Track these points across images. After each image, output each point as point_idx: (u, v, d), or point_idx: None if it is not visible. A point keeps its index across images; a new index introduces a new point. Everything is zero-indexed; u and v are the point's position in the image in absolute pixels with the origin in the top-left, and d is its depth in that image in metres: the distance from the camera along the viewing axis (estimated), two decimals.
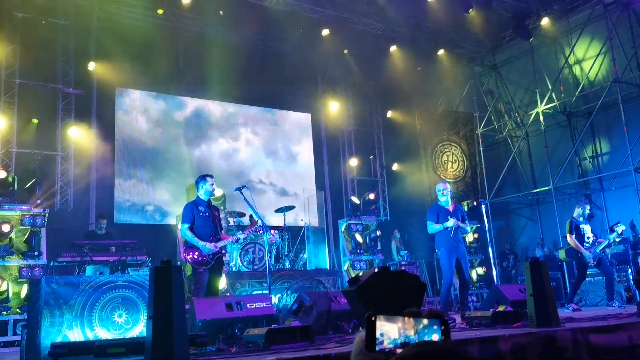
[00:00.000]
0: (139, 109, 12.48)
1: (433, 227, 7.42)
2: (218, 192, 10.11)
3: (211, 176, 6.58)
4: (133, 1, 11.43)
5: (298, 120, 14.79)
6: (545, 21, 12.86)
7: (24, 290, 7.70)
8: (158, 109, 12.75)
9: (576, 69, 13.26)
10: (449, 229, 7.27)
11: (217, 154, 13.29)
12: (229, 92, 13.45)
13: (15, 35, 10.90)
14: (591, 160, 13.05)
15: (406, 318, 1.22)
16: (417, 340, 1.19)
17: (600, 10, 12.28)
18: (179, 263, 8.80)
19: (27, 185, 8.44)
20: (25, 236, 8.03)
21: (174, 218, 11.43)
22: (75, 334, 4.78)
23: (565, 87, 13.19)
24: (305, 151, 14.69)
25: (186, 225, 6.26)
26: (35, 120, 10.92)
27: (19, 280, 7.80)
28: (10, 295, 7.66)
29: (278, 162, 14.16)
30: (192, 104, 13.22)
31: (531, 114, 13.58)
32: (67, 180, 11.20)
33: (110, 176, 11.74)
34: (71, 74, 11.52)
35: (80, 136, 11.34)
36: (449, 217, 7.35)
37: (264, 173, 13.83)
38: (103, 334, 4.85)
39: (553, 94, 13.10)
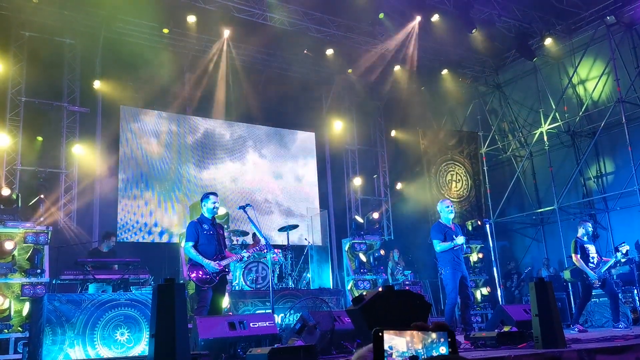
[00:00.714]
0: (143, 128, 12.55)
1: (442, 245, 7.28)
2: (221, 211, 10.10)
3: (215, 194, 6.55)
4: (139, 21, 11.55)
5: (302, 139, 14.83)
6: (548, 41, 12.93)
7: (26, 308, 7.66)
8: (162, 128, 12.81)
9: (580, 89, 13.29)
10: (459, 246, 7.22)
11: (222, 172, 13.30)
12: (233, 111, 13.54)
13: (22, 53, 11.04)
14: (595, 180, 13.01)
15: (414, 332, 1.22)
16: (425, 354, 1.19)
17: (603, 31, 12.35)
18: (181, 281, 8.76)
19: (31, 203, 8.45)
20: (28, 254, 8.01)
21: (177, 236, 11.41)
22: (77, 353, 4.75)
23: (569, 107, 13.20)
24: (309, 170, 14.71)
25: (190, 244, 6.22)
26: (40, 138, 10.99)
27: (21, 298, 7.75)
28: (12, 313, 7.61)
29: (282, 180, 14.17)
30: (196, 122, 13.28)
31: (535, 134, 13.58)
32: (71, 198, 11.22)
33: (114, 194, 11.76)
34: (76, 92, 11.62)
35: (84, 154, 11.39)
36: (454, 235, 7.31)
37: (268, 192, 13.83)
38: (105, 352, 4.82)
39: (557, 114, 13.11)
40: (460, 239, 7.22)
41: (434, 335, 1.22)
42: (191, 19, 11.37)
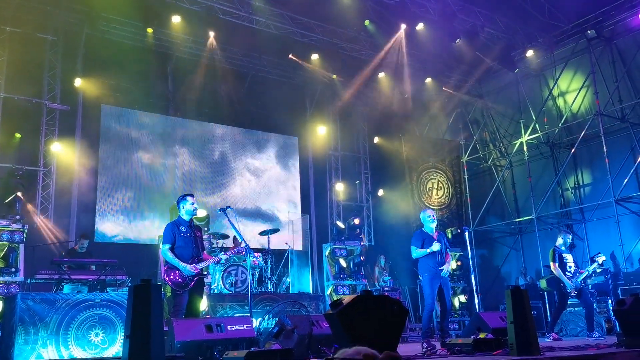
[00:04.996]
0: (124, 127, 12.40)
1: (418, 252, 7.41)
2: (201, 213, 10.04)
3: (192, 195, 6.47)
4: (123, 19, 11.46)
5: (285, 143, 14.81)
6: (530, 53, 13.13)
7: None
8: (144, 128, 12.68)
9: (560, 101, 13.49)
10: (436, 253, 7.29)
11: (203, 174, 13.22)
12: (216, 114, 13.49)
13: (2, 49, 10.85)
14: (573, 191, 13.20)
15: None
16: None
17: (583, 45, 12.57)
18: (159, 283, 8.67)
19: (7, 200, 8.31)
20: (3, 252, 7.87)
21: (156, 238, 11.30)
22: (49, 353, 4.68)
23: (548, 119, 13.39)
24: (291, 175, 14.69)
25: (167, 246, 6.11)
26: (18, 135, 10.80)
27: None
28: None
29: (264, 184, 14.12)
30: (178, 124, 13.18)
31: (515, 144, 13.75)
32: (48, 197, 11.05)
33: (93, 194, 11.60)
34: (57, 90, 11.46)
35: (63, 152, 11.23)
36: (433, 243, 7.38)
37: (250, 195, 13.78)
38: (78, 353, 4.75)
39: (537, 125, 13.30)
40: (435, 246, 7.30)
41: None
42: (176, 19, 11.31)
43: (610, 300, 9.84)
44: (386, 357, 1.24)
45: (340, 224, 12.46)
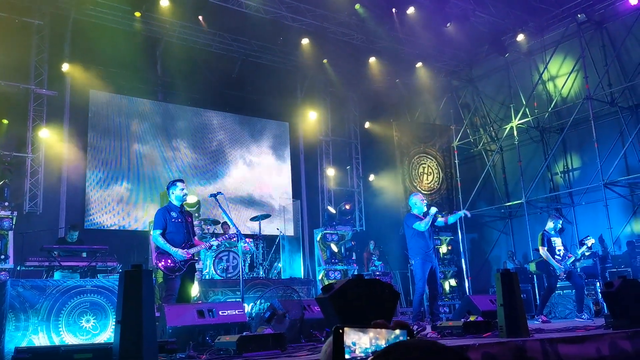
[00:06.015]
0: (113, 113, 12.30)
1: (422, 224, 7.36)
2: (192, 199, 10.01)
3: (182, 181, 6.46)
4: (110, 3, 11.29)
5: (276, 129, 14.75)
6: (520, 37, 13.10)
7: None
8: (133, 114, 12.58)
9: (550, 86, 13.51)
10: (427, 237, 7.33)
11: (193, 160, 13.17)
12: (207, 99, 13.39)
13: None
14: (562, 175, 13.28)
15: (377, 329, 1.21)
16: None
17: (574, 29, 12.56)
18: (150, 269, 8.66)
19: None
20: None
21: (147, 224, 11.27)
22: (41, 339, 4.67)
23: (538, 103, 13.42)
24: (282, 160, 14.66)
25: (158, 232, 6.12)
26: (5, 121, 10.69)
27: None
28: None
29: (255, 170, 14.09)
30: (168, 109, 13.09)
31: (505, 129, 13.78)
32: (37, 183, 10.97)
33: (82, 180, 11.54)
34: (44, 75, 11.31)
35: (51, 138, 11.13)
36: (431, 208, 7.44)
37: (241, 181, 13.74)
38: (70, 339, 4.75)
39: (527, 110, 13.32)
40: (433, 209, 7.34)
41: (397, 331, 1.22)
42: (164, 2, 11.17)
43: (598, 283, 9.96)
44: (396, 325, 1.24)
45: (332, 209, 12.49)
